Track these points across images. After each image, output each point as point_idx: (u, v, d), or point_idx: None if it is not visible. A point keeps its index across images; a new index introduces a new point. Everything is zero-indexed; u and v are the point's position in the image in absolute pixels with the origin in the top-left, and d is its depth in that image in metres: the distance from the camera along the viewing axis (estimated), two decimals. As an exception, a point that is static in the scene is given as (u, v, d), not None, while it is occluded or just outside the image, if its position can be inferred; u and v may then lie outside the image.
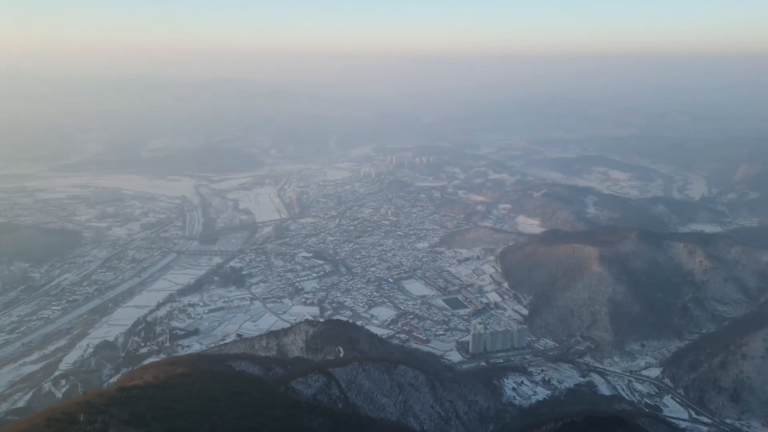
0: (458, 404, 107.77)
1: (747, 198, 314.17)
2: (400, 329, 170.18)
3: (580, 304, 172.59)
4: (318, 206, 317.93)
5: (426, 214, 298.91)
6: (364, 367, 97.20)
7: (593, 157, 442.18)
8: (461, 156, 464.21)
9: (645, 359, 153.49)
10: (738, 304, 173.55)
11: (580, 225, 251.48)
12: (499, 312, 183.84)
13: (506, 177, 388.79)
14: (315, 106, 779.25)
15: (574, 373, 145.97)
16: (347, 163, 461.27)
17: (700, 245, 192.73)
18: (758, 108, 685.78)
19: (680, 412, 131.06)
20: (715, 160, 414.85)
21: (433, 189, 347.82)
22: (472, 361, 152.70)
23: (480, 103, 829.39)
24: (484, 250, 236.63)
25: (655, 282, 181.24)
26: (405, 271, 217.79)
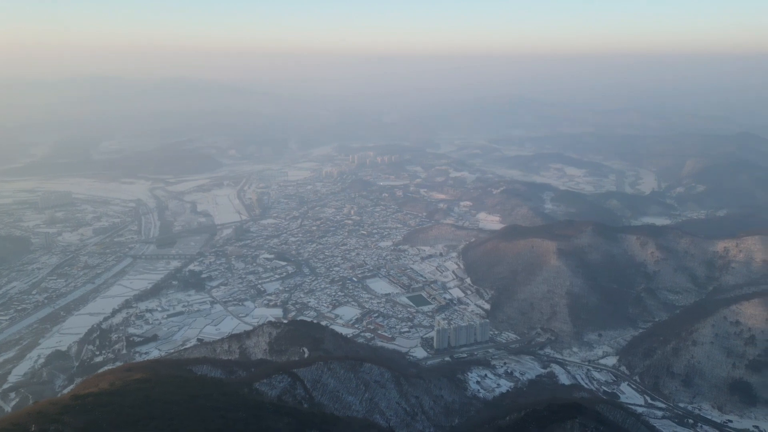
0: (424, 399, 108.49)
1: (694, 191, 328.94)
2: (365, 328, 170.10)
3: (539, 297, 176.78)
4: (279, 207, 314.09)
5: (389, 213, 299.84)
6: (329, 366, 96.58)
7: (550, 155, 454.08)
8: (422, 155, 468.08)
9: (602, 348, 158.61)
10: (688, 292, 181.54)
11: (538, 220, 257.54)
12: (462, 307, 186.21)
13: (466, 175, 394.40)
14: (276, 106, 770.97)
15: (536, 364, 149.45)
16: (309, 163, 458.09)
17: (651, 237, 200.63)
18: (704, 105, 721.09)
19: (636, 398, 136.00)
20: (664, 156, 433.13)
21: (395, 188, 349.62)
22: (437, 356, 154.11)
23: (441, 102, 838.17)
24: (446, 247, 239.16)
25: (611, 273, 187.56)
26: (369, 269, 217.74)
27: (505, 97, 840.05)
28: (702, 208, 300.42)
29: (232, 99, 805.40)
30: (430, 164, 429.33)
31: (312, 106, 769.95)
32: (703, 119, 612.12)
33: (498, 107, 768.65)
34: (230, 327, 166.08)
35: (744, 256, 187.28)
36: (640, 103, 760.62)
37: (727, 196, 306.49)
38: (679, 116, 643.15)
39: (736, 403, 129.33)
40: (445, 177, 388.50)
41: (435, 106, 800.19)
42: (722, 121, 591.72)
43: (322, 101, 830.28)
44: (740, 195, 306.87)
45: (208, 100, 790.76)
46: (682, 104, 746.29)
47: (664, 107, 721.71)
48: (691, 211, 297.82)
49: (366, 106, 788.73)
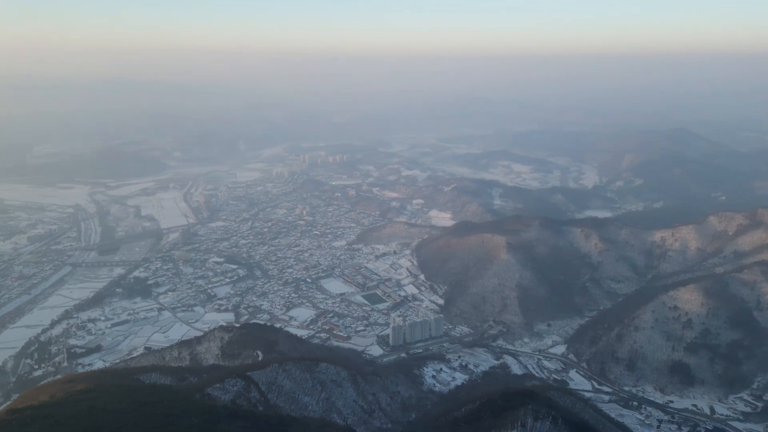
0: (381, 396, 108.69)
1: (633, 185, 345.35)
2: (320, 328, 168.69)
3: (491, 290, 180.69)
4: (228, 209, 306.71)
5: (342, 213, 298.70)
6: (284, 368, 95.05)
7: (498, 152, 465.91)
8: (374, 154, 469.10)
9: (551, 338, 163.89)
10: (629, 281, 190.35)
11: (488, 216, 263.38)
12: (417, 303, 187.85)
13: (418, 173, 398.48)
14: (224, 106, 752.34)
15: (489, 356, 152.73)
16: (258, 163, 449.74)
17: (594, 229, 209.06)
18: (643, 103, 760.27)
19: (584, 384, 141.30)
20: (605, 151, 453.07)
21: (347, 187, 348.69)
22: (393, 353, 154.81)
23: (393, 102, 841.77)
24: (400, 245, 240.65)
25: (557, 265, 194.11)
26: (323, 270, 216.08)
27: (454, 96, 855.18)
28: (640, 201, 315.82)
29: (177, 99, 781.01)
30: (382, 163, 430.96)
31: (261, 107, 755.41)
32: (641, 116, 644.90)
33: (448, 106, 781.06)
34: (180, 334, 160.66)
35: (679, 245, 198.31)
36: (584, 102, 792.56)
37: (663, 189, 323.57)
38: (620, 114, 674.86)
39: (677, 384, 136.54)
40: (397, 176, 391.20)
41: (386, 106, 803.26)
42: (658, 117, 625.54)
43: (271, 102, 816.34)
44: (675, 187, 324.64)
45: (152, 100, 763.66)
46: (622, 102, 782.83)
47: (605, 105, 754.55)
48: (630, 204, 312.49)
49: (317, 107, 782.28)
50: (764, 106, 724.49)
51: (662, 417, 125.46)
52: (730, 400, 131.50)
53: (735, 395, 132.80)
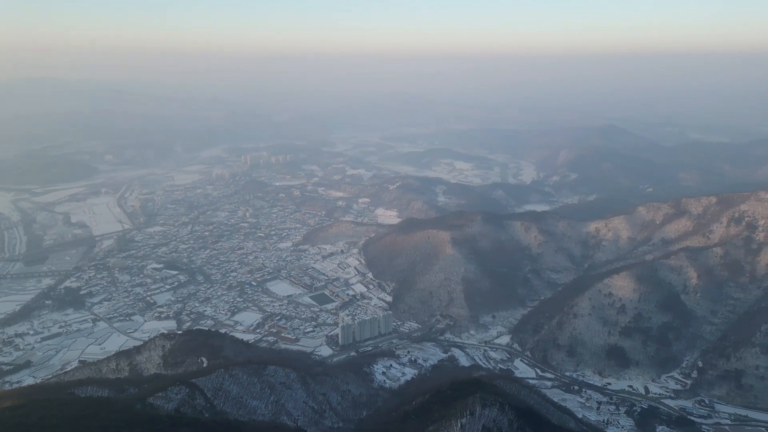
0: (331, 396, 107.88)
1: (568, 179, 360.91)
2: (267, 332, 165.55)
3: (437, 285, 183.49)
4: (167, 213, 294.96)
5: (287, 214, 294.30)
6: (230, 373, 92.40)
7: (440, 150, 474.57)
8: (318, 154, 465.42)
9: (497, 329, 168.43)
10: (567, 271, 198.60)
11: (432, 213, 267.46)
12: (366, 302, 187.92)
13: (363, 172, 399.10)
14: (159, 107, 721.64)
15: (437, 350, 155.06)
16: (197, 165, 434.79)
17: (534, 223, 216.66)
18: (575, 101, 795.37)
19: (529, 372, 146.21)
20: (541, 148, 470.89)
21: (292, 188, 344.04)
22: (343, 352, 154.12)
23: (335, 102, 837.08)
24: (347, 244, 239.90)
25: (500, 258, 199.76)
26: (269, 272, 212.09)
27: (395, 96, 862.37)
28: (575, 194, 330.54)
29: (108, 100, 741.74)
30: (326, 163, 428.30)
31: (199, 108, 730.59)
32: (574, 113, 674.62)
33: (390, 105, 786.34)
34: (117, 345, 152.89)
35: (612, 235, 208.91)
36: (519, 101, 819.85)
37: (596, 182, 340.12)
38: (554, 112, 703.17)
39: (614, 367, 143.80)
40: (342, 175, 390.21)
41: (329, 106, 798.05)
42: (589, 114, 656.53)
43: (210, 102, 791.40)
44: (606, 181, 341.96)
45: (80, 101, 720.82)
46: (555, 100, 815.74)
47: (540, 104, 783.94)
48: (566, 197, 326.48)
49: (257, 107, 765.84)
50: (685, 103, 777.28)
51: (601, 399, 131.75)
52: (662, 380, 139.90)
53: (667, 374, 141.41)
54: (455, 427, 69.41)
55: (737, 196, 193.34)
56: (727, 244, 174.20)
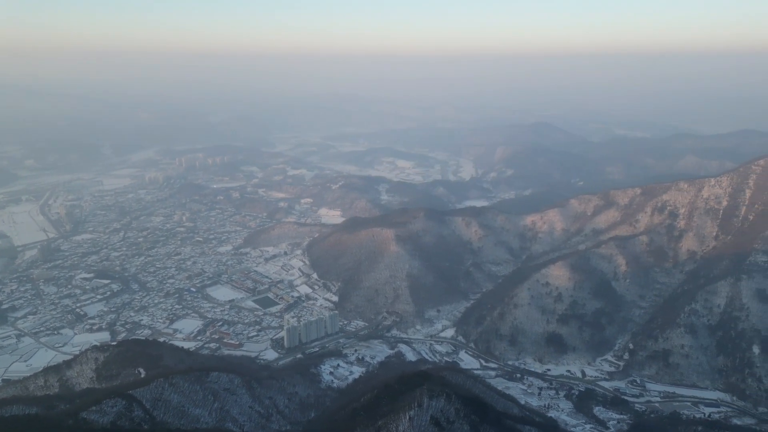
0: (278, 399, 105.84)
1: (505, 175, 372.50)
2: (209, 338, 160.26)
3: (383, 282, 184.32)
4: (96, 220, 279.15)
5: (226, 216, 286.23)
6: (170, 382, 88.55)
7: (381, 149, 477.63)
8: (257, 154, 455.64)
9: (441, 323, 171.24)
10: (507, 263, 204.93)
11: (376, 211, 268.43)
12: (311, 303, 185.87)
13: (305, 172, 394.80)
14: (83, 109, 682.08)
15: (384, 347, 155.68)
16: (128, 169, 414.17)
17: (474, 218, 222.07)
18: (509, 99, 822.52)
19: (473, 363, 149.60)
20: (479, 145, 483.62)
21: (231, 189, 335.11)
22: (289, 355, 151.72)
23: (273, 101, 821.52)
24: (290, 245, 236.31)
25: (443, 253, 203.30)
26: (209, 277, 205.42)
27: (337, 96, 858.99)
28: (512, 189, 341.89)
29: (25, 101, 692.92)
30: (266, 163, 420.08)
31: (129, 109, 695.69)
32: (508, 111, 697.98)
33: (330, 105, 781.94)
34: (45, 360, 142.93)
35: (547, 227, 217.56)
36: (456, 99, 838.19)
37: (531, 178, 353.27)
38: (489, 109, 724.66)
39: (553, 354, 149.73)
40: (283, 175, 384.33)
41: (267, 106, 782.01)
42: (523, 112, 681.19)
43: (141, 103, 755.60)
44: (541, 176, 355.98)
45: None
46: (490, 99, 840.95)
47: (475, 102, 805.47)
48: (504, 193, 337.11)
49: (192, 107, 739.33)
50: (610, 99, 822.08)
51: (542, 385, 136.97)
52: (597, 363, 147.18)
53: (601, 358, 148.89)
54: (404, 419, 69.90)
55: (659, 187, 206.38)
56: (652, 232, 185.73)
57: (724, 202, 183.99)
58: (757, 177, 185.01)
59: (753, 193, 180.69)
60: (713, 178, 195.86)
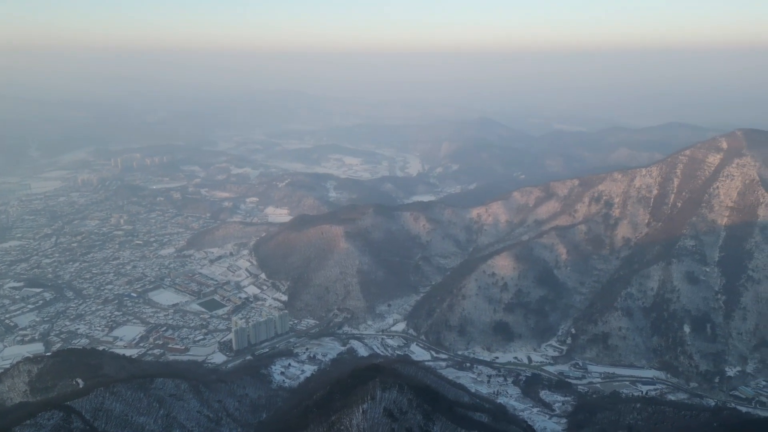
0: (228, 402, 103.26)
1: (450, 170, 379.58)
2: (153, 344, 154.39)
3: (333, 279, 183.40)
4: (24, 225, 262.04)
5: (167, 218, 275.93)
6: (112, 391, 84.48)
7: (328, 146, 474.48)
8: (199, 153, 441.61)
9: (392, 317, 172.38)
10: (455, 256, 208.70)
11: (324, 208, 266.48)
12: (260, 303, 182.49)
13: (249, 171, 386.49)
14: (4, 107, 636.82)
15: (336, 344, 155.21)
16: (59, 171, 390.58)
17: (422, 212, 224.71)
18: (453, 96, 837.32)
19: (424, 355, 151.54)
20: (425, 141, 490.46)
21: (171, 190, 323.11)
22: (238, 357, 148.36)
23: (214, 99, 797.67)
24: (236, 246, 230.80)
25: (392, 248, 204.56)
26: (150, 281, 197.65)
27: (279, 93, 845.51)
28: (458, 184, 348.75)
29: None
30: (208, 162, 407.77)
31: (57, 108, 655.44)
32: (452, 108, 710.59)
33: (273, 102, 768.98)
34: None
35: (492, 219, 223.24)
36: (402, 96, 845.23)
37: (475, 172, 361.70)
38: (434, 106, 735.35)
39: (500, 342, 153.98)
40: (227, 174, 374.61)
41: (208, 103, 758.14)
42: (465, 109, 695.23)
43: (71, 100, 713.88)
44: (484, 170, 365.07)
45: None
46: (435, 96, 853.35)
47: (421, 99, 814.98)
48: (450, 187, 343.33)
49: (127, 105, 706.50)
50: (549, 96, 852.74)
51: (491, 372, 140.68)
52: (542, 348, 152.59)
53: (546, 343, 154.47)
54: (357, 413, 69.86)
55: (595, 177, 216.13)
56: (590, 221, 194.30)
57: (654, 191, 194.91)
58: (684, 166, 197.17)
59: (680, 182, 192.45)
60: (644, 169, 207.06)
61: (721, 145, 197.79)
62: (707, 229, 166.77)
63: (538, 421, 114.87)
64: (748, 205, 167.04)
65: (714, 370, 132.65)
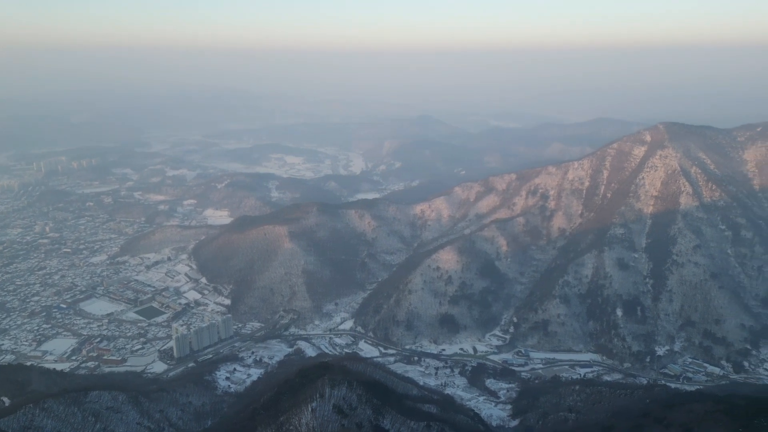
0: (170, 411, 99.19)
1: (393, 168, 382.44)
2: (86, 357, 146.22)
3: (278, 280, 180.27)
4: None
5: (98, 224, 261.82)
6: (42, 407, 79.07)
7: (269, 145, 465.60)
8: (131, 155, 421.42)
9: (340, 315, 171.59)
10: (400, 251, 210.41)
11: (267, 209, 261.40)
12: (202, 308, 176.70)
13: (186, 172, 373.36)
14: None
15: (283, 345, 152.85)
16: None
17: (366, 210, 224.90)
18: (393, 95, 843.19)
19: (373, 352, 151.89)
20: (367, 139, 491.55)
21: (102, 194, 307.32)
22: (180, 365, 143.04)
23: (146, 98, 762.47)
24: (174, 250, 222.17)
25: (338, 246, 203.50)
26: (82, 291, 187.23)
27: (217, 91, 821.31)
28: (401, 181, 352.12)
29: None
30: (141, 165, 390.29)
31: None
32: (392, 106, 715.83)
33: (211, 101, 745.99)
34: None
35: (435, 215, 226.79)
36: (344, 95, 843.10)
37: (418, 169, 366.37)
38: (375, 105, 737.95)
39: (446, 334, 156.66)
40: (162, 176, 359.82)
41: (139, 103, 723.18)
42: (406, 107, 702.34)
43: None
44: (427, 167, 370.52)
45: None
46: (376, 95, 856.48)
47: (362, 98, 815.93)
48: (393, 184, 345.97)
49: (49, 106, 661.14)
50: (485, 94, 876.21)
51: (438, 365, 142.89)
52: (486, 338, 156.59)
53: (490, 333, 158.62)
54: (306, 412, 68.93)
55: (532, 172, 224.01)
56: (527, 214, 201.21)
57: (586, 183, 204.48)
58: (612, 159, 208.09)
59: (609, 174, 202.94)
60: (576, 162, 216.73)
61: (645, 138, 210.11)
62: (635, 217, 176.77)
63: (484, 409, 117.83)
64: (670, 194, 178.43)
65: (645, 350, 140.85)
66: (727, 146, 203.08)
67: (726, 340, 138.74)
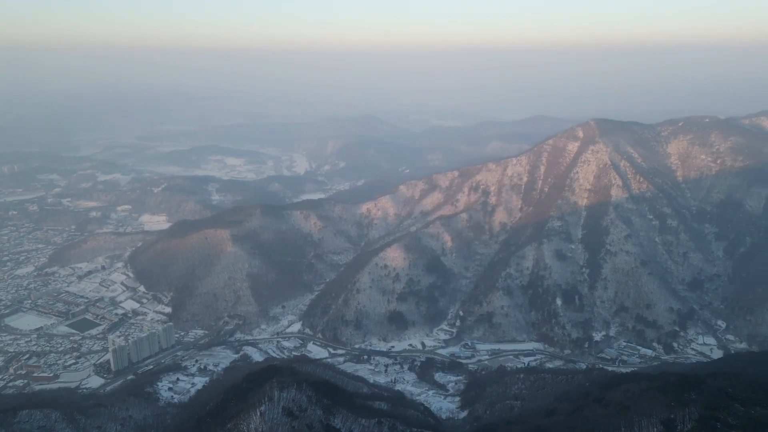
0: (109, 427, 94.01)
1: (338, 167, 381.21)
2: (14, 375, 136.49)
3: (221, 285, 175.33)
4: None
5: (23, 234, 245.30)
6: (-38, 433, 73.01)
7: (207, 147, 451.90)
8: (57, 160, 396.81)
9: (287, 318, 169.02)
10: (347, 251, 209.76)
11: (207, 212, 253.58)
12: (140, 318, 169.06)
13: (119, 177, 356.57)
14: None
15: (228, 352, 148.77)
16: None
17: (312, 210, 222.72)
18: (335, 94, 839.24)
19: (322, 353, 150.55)
20: (310, 139, 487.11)
21: (26, 202, 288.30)
22: (118, 378, 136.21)
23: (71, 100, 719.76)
24: (108, 259, 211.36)
25: (284, 248, 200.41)
26: (6, 305, 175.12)
27: (150, 92, 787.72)
28: (346, 181, 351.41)
29: None
30: (70, 170, 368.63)
31: None
32: (334, 105, 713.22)
33: (143, 102, 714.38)
34: None
35: (381, 213, 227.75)
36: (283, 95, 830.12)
37: (363, 168, 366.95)
38: (317, 104, 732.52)
39: (395, 331, 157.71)
40: (93, 182, 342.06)
41: (65, 105, 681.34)
42: (348, 106, 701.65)
43: None
44: (371, 166, 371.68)
45: None
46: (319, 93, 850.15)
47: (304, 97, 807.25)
48: (339, 184, 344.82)
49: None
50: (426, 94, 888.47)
51: (388, 362, 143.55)
52: (434, 333, 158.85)
53: (437, 328, 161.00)
54: (255, 416, 67.21)
55: (473, 169, 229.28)
56: (470, 210, 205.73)
57: (524, 178, 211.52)
58: (548, 155, 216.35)
59: (546, 169, 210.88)
60: (515, 158, 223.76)
61: (578, 134, 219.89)
62: (570, 210, 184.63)
63: (434, 402, 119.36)
64: (602, 187, 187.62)
65: (583, 336, 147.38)
66: (652, 140, 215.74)
67: (656, 323, 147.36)
